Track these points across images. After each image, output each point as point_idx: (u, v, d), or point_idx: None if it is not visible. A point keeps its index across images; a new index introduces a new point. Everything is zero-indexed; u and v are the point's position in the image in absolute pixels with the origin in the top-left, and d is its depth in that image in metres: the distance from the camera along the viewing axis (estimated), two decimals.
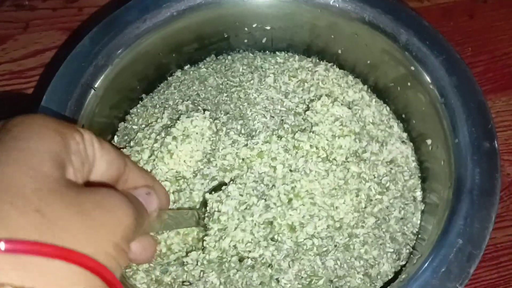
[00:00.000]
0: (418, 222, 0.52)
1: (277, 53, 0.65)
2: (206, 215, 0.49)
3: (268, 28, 0.61)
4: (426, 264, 0.41)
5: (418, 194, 0.54)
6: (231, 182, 0.50)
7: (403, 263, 0.49)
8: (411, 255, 0.49)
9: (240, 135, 0.55)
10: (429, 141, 0.52)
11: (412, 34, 0.53)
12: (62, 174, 0.27)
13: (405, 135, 0.58)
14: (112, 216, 0.28)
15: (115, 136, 0.57)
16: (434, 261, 0.41)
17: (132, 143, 0.54)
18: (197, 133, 0.52)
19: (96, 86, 0.51)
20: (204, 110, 0.56)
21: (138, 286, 0.46)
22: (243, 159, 0.53)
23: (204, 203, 0.50)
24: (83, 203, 0.27)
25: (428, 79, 0.51)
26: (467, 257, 0.40)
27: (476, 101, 0.48)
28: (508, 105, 0.66)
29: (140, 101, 0.60)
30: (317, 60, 0.63)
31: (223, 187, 0.50)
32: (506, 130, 0.64)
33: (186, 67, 0.63)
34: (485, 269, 0.58)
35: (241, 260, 0.48)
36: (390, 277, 0.48)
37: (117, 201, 0.29)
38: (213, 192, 0.50)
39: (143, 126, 0.57)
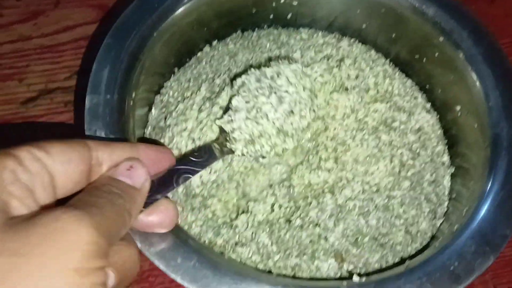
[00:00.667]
0: (449, 184, 0.55)
1: (301, 29, 0.66)
2: (227, 139, 0.49)
3: (295, 3, 0.63)
4: (476, 215, 0.44)
5: (446, 158, 0.57)
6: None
7: (440, 221, 0.52)
8: (447, 214, 0.52)
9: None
10: (458, 108, 0.55)
11: (440, 7, 0.56)
12: (3, 217, 0.25)
13: (429, 105, 0.61)
14: (60, 245, 0.24)
15: (153, 109, 0.57)
16: (482, 211, 0.44)
17: (174, 114, 0.54)
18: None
19: (140, 56, 0.51)
20: None
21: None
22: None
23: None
24: (23, 243, 0.23)
25: (457, 49, 0.54)
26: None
27: (504, 69, 0.52)
28: None
29: (172, 75, 0.61)
30: (340, 36, 0.66)
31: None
32: None
33: (214, 43, 0.64)
34: (507, 245, 0.60)
35: (289, 221, 0.50)
36: (429, 234, 0.51)
37: (65, 224, 0.25)
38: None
39: (180, 98, 0.58)
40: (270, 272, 0.46)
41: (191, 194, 0.51)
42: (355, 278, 0.41)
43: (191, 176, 0.40)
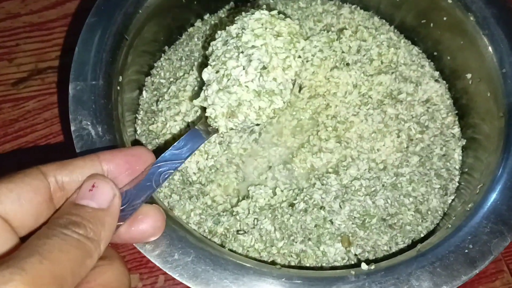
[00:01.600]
0: (460, 157, 0.52)
1: None
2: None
3: None
4: (490, 191, 0.41)
5: (457, 130, 0.54)
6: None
7: (451, 198, 0.49)
8: (459, 190, 0.50)
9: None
10: (468, 76, 0.52)
11: None
12: None
13: (437, 73, 0.57)
14: None
15: (144, 91, 0.54)
16: (498, 187, 0.41)
17: (166, 96, 0.51)
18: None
19: (127, 35, 0.48)
20: None
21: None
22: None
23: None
24: None
25: (467, 12, 0.50)
26: None
27: None
28: None
29: (163, 54, 0.57)
30: (340, 3, 0.62)
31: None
32: None
33: (205, 17, 0.60)
34: None
35: (292, 205, 0.47)
36: (440, 212, 0.48)
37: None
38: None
39: (171, 79, 0.54)
40: (273, 262, 0.43)
41: (188, 181, 0.48)
42: (364, 266, 0.38)
43: (172, 171, 0.36)
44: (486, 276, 0.54)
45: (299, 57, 0.43)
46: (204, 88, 0.42)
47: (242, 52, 0.41)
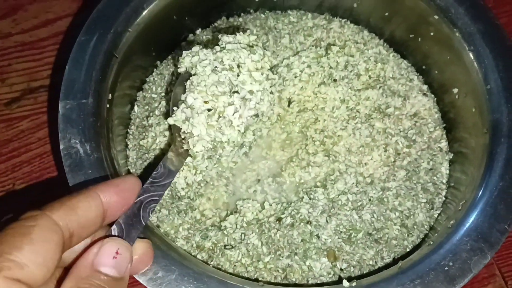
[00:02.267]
0: (447, 172, 0.52)
1: (289, 11, 0.63)
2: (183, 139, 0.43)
3: None
4: (472, 208, 0.41)
5: (444, 144, 0.54)
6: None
7: (437, 212, 0.50)
8: (445, 204, 0.50)
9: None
10: (455, 90, 0.52)
11: None
12: None
13: (425, 87, 0.57)
14: None
15: (135, 106, 0.55)
16: (480, 205, 0.41)
17: (157, 112, 0.52)
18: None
19: (117, 53, 0.48)
20: None
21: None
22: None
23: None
24: None
25: (452, 27, 0.51)
26: None
27: (504, 47, 0.48)
28: None
29: (155, 69, 0.58)
30: (330, 17, 0.62)
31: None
32: None
33: (197, 31, 0.61)
34: None
35: (279, 219, 0.48)
36: (426, 227, 0.49)
37: None
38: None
39: (163, 94, 0.55)
40: (257, 279, 0.44)
41: (177, 196, 0.49)
42: (345, 283, 0.39)
43: (156, 204, 0.36)
44: (479, 281, 0.54)
45: (271, 92, 0.45)
46: (183, 109, 0.42)
47: (238, 92, 0.42)
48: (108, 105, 0.47)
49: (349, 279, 0.40)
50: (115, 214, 0.33)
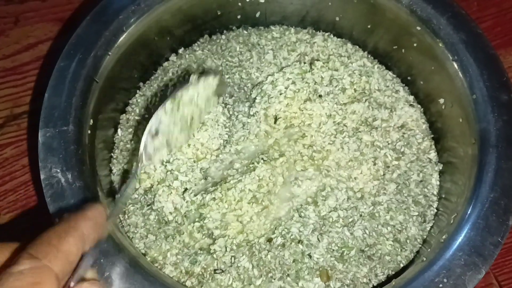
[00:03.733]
0: (437, 183, 0.52)
1: (272, 27, 0.63)
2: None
3: (262, 1, 0.59)
4: (464, 222, 0.40)
5: (433, 155, 0.53)
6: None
7: (430, 225, 0.49)
8: (437, 216, 0.49)
9: (249, 117, 0.54)
10: (441, 100, 0.52)
11: None
12: None
13: (411, 98, 0.57)
14: None
15: (119, 130, 0.54)
16: (471, 218, 0.41)
17: (140, 134, 0.51)
18: (212, 120, 0.50)
19: (97, 77, 0.48)
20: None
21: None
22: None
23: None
24: None
25: (435, 38, 0.51)
26: (503, 209, 0.41)
27: (488, 55, 0.48)
28: None
29: (138, 90, 0.57)
30: (313, 31, 0.62)
31: None
32: None
33: (180, 51, 0.60)
34: None
35: (269, 240, 0.47)
36: (419, 240, 0.48)
37: None
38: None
39: (146, 116, 0.54)
40: None
41: (164, 221, 0.48)
42: None
43: None
44: None
45: None
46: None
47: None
48: (89, 131, 0.46)
49: None
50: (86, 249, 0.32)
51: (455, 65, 0.49)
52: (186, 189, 0.49)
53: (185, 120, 0.47)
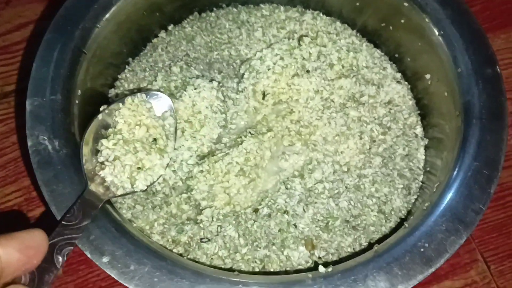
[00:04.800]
0: (423, 157, 0.52)
1: (261, 5, 0.63)
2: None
3: None
4: (447, 190, 0.41)
5: (419, 130, 0.54)
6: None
7: (414, 197, 0.50)
8: (422, 189, 0.50)
9: (238, 93, 0.54)
10: (427, 76, 0.53)
11: None
12: None
13: (399, 75, 0.58)
14: None
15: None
16: (454, 186, 0.41)
17: None
18: (207, 108, 0.51)
19: (85, 50, 0.48)
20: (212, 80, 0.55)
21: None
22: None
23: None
24: None
25: (422, 13, 0.51)
26: (486, 179, 0.41)
27: (473, 30, 0.49)
28: (508, 42, 0.65)
29: (127, 66, 0.58)
30: (303, 9, 0.62)
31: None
32: (507, 68, 0.63)
33: (169, 27, 0.61)
34: (492, 209, 0.57)
35: (256, 210, 0.48)
36: (403, 212, 0.49)
37: None
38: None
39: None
40: (231, 269, 0.43)
41: (151, 191, 0.48)
42: (321, 269, 0.39)
43: (72, 247, 0.34)
44: (461, 267, 0.54)
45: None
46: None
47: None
48: (77, 101, 0.46)
49: (326, 265, 0.40)
50: (13, 274, 0.28)
51: (441, 39, 0.49)
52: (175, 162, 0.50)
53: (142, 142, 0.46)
